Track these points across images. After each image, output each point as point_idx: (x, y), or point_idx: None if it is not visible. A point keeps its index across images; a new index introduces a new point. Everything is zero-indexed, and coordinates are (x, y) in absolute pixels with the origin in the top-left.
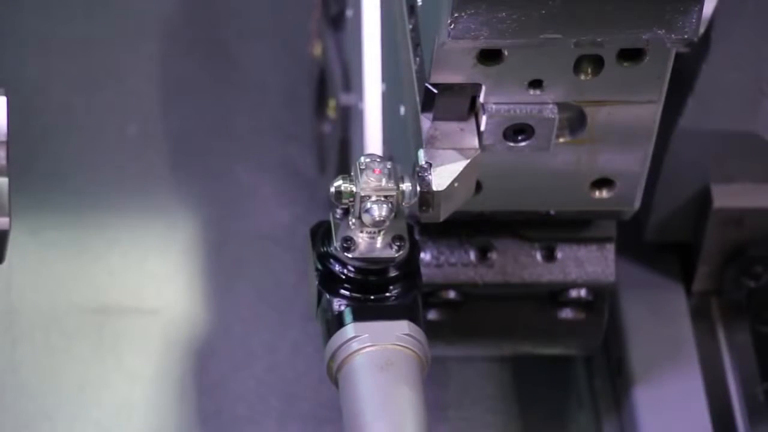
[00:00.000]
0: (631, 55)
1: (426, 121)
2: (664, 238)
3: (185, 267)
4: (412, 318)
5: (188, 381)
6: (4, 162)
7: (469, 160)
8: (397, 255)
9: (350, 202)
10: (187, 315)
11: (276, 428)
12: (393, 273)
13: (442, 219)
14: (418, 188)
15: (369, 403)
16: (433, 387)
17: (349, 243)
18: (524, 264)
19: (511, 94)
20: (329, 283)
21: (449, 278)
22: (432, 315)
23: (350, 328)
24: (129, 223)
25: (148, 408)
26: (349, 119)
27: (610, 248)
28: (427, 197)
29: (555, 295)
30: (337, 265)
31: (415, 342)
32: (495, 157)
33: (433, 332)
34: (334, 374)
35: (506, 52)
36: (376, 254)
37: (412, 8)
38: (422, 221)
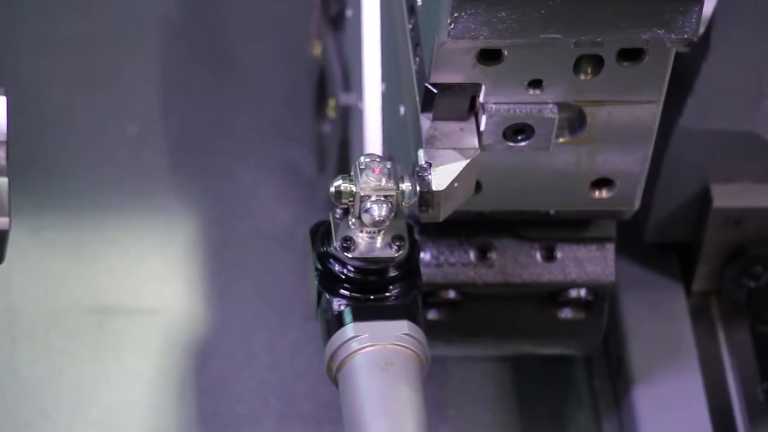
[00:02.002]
0: (631, 55)
1: (426, 121)
2: (664, 238)
3: (185, 267)
4: (412, 318)
5: (188, 381)
6: (4, 162)
7: (469, 160)
8: (397, 255)
9: (350, 201)
10: (187, 315)
11: (276, 428)
12: (393, 273)
13: (442, 219)
14: (418, 188)
15: (369, 403)
16: (433, 387)
17: (348, 243)
18: (524, 264)
19: (510, 94)
20: (329, 283)
21: (449, 278)
22: (432, 315)
23: (350, 328)
24: (129, 223)
25: (148, 408)
26: (349, 119)
27: (610, 248)
28: (427, 197)
29: (555, 295)
30: (336, 265)
31: (415, 342)
32: (495, 157)
33: (433, 332)
34: (333, 374)
35: (506, 52)
36: (376, 254)
37: (412, 8)
38: (422, 221)
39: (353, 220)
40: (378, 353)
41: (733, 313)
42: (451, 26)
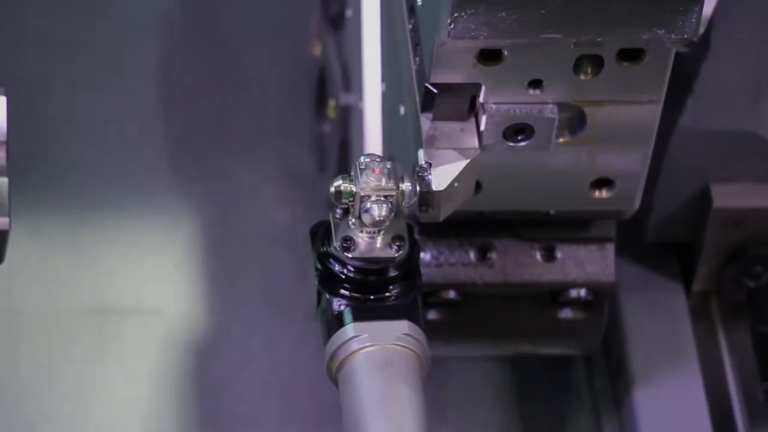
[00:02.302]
0: (631, 55)
1: (426, 121)
2: (664, 238)
3: (185, 267)
4: (412, 318)
5: (188, 381)
6: (3, 162)
7: (469, 160)
8: (397, 255)
9: (350, 202)
10: (187, 315)
11: (276, 428)
12: (393, 273)
13: (442, 219)
14: (418, 188)
15: (369, 403)
16: (433, 387)
17: (348, 243)
18: (524, 264)
19: (510, 94)
20: (329, 283)
21: (449, 278)
22: (432, 315)
23: (350, 328)
24: (129, 223)
25: (148, 408)
26: (349, 119)
27: (610, 248)
28: (427, 197)
29: (555, 295)
30: (336, 265)
31: (415, 342)
32: (495, 157)
33: (433, 332)
34: (334, 374)
35: (506, 52)
36: (376, 254)
37: (412, 8)
38: (422, 221)
39: (353, 220)
40: (378, 353)
41: (733, 313)
42: (451, 26)
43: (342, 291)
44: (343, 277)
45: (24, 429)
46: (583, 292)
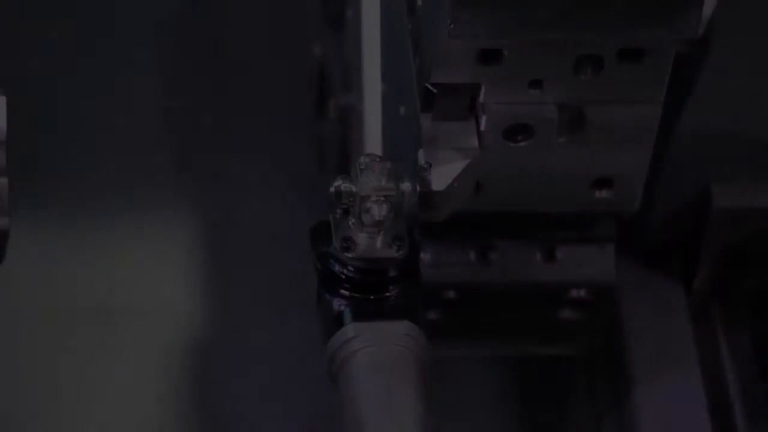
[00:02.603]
0: (631, 55)
1: (426, 121)
2: (664, 238)
3: (185, 267)
4: (412, 318)
5: (188, 381)
6: (4, 162)
7: (469, 160)
8: (397, 255)
9: (350, 202)
10: (187, 315)
11: (276, 428)
12: (393, 273)
13: (442, 218)
14: (418, 188)
15: (369, 403)
16: (434, 387)
17: (348, 243)
18: (524, 264)
19: (511, 94)
20: (329, 283)
21: (449, 278)
22: (432, 315)
23: (350, 328)
24: (129, 223)
25: (148, 408)
26: (349, 119)
27: (610, 248)
28: (427, 197)
29: (555, 295)
30: (337, 265)
31: (415, 342)
32: (495, 157)
33: (433, 332)
34: (334, 374)
35: (506, 52)
36: (376, 254)
37: (412, 8)
38: (422, 221)
39: (353, 220)
40: (378, 353)
41: (733, 313)
42: (451, 26)
43: (342, 291)
44: (343, 277)
45: (24, 428)
46: (583, 293)
